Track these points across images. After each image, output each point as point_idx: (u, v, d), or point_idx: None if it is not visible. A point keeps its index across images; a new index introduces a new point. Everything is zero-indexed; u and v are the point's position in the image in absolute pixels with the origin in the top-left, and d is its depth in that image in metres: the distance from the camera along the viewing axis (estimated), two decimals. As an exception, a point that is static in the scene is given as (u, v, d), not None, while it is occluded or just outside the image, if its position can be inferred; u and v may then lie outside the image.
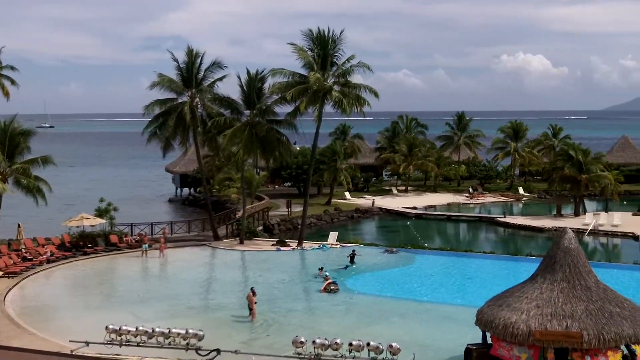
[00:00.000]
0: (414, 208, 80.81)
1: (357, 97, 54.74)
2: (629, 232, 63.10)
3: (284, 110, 57.40)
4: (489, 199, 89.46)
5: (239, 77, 57.78)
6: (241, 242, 57.39)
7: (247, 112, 58.24)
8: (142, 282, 46.54)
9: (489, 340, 26.66)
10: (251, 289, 36.69)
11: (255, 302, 35.73)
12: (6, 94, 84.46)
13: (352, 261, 48.73)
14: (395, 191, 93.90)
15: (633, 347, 24.64)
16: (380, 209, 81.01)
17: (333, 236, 57.52)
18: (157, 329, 27.15)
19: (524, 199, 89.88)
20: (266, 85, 57.37)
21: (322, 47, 54.13)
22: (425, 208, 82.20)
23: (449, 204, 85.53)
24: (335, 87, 54.55)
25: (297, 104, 54.57)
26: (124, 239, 55.75)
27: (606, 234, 64.65)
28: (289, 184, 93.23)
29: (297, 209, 71.05)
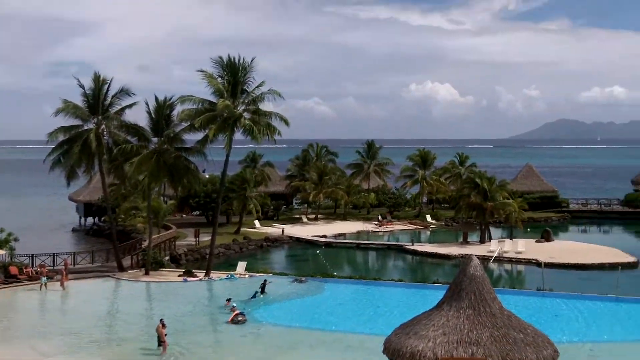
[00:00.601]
0: (324, 236, 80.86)
1: (267, 125, 54.44)
2: (532, 259, 64.57)
3: (193, 137, 56.77)
4: (397, 226, 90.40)
5: (147, 104, 56.94)
6: (147, 273, 56.03)
7: (155, 139, 57.23)
8: (43, 315, 44.83)
9: (397, 370, 26.49)
10: (160, 320, 35.80)
11: (166, 334, 34.82)
12: None
13: (263, 291, 48.10)
14: (305, 219, 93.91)
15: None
16: (290, 237, 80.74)
17: (242, 266, 56.81)
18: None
19: (432, 226, 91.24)
20: (175, 112, 56.62)
21: (233, 74, 53.81)
22: (335, 236, 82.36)
23: (358, 232, 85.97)
24: (246, 115, 54.20)
25: (206, 132, 53.87)
26: (25, 270, 53.71)
27: (510, 260, 66.09)
28: (197, 212, 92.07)
29: (206, 238, 70.05)
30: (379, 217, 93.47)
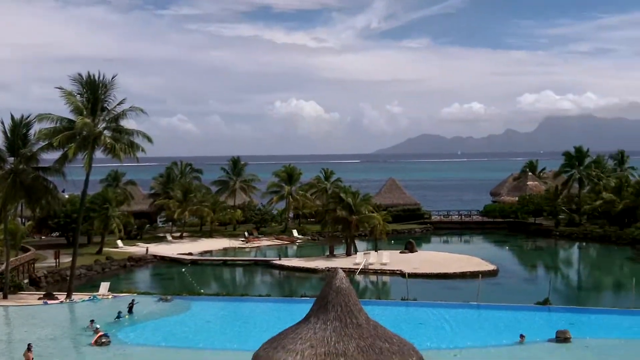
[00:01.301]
0: (190, 254, 79.96)
1: (130, 143, 53.45)
2: (397, 270, 66.21)
3: (52, 157, 54.84)
4: (264, 242, 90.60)
5: (2, 123, 54.51)
6: (5, 297, 53.61)
7: (12, 159, 54.91)
8: None
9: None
10: (28, 345, 34.81)
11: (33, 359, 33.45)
12: None
13: (130, 311, 46.94)
14: (170, 237, 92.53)
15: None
16: (155, 256, 79.30)
17: (105, 286, 55.36)
18: None
19: (299, 241, 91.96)
20: (32, 131, 54.57)
21: (93, 92, 52.65)
22: (201, 253, 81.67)
23: (225, 249, 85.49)
24: (106, 132, 53.00)
25: (65, 150, 52.22)
26: None
27: (376, 272, 67.56)
28: (57, 233, 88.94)
29: (66, 259, 67.65)
30: (246, 233, 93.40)
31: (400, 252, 76.07)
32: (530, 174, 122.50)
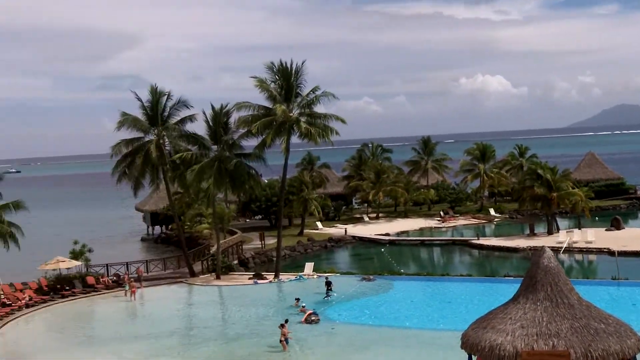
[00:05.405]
0: (387, 234, 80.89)
1: (324, 127, 54.69)
2: (604, 248, 63.57)
3: (250, 143, 57.39)
4: (460, 221, 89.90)
5: (204, 113, 57.93)
6: (218, 278, 57.06)
7: (215, 147, 58.10)
8: (122, 322, 46.06)
9: (476, 364, 26.63)
10: (286, 320, 37.14)
11: (289, 332, 36.11)
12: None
13: (329, 289, 48.56)
14: (366, 218, 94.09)
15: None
16: (353, 237, 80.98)
17: (309, 266, 57.44)
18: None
19: (496, 220, 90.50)
20: (231, 119, 57.33)
21: (285, 79, 54.15)
22: (398, 234, 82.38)
23: (421, 229, 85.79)
24: (302, 118, 54.51)
25: (263, 137, 54.34)
26: (101, 279, 55.24)
27: (581, 250, 65.13)
28: (259, 217, 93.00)
29: (270, 241, 70.95)
30: (441, 212, 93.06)
31: (606, 230, 72.78)
32: None
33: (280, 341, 35.70)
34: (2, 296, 49.68)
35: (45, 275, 54.74)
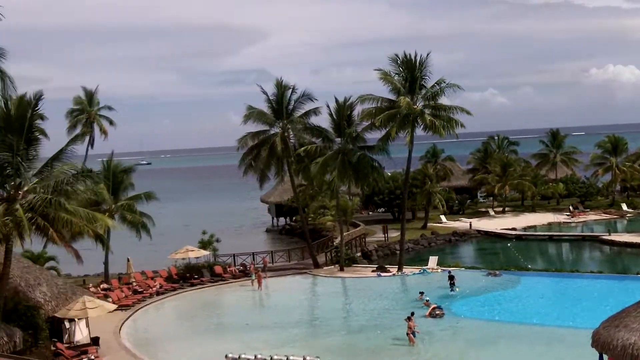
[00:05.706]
0: (513, 229, 79.20)
1: (448, 119, 54.00)
2: None
3: (373, 136, 57.41)
4: (591, 216, 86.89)
5: (328, 106, 58.38)
6: (341, 269, 57.50)
7: (338, 139, 58.47)
8: (249, 311, 47.18)
9: (607, 363, 25.78)
10: (412, 313, 37.14)
11: (416, 326, 36.17)
12: (104, 133, 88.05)
13: (452, 284, 48.08)
14: (492, 212, 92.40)
15: None
16: (478, 231, 79.70)
17: (433, 260, 57.02)
18: (275, 357, 27.63)
19: (628, 215, 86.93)
20: (355, 112, 57.54)
21: (410, 71, 53.74)
22: (525, 228, 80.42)
23: (549, 224, 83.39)
24: (426, 110, 53.98)
25: (387, 129, 54.18)
26: (228, 269, 56.70)
27: None
28: (382, 209, 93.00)
29: (393, 234, 70.80)
30: (570, 207, 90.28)
31: None
32: None
33: (407, 334, 35.64)
34: (135, 283, 51.87)
35: (175, 264, 56.76)
